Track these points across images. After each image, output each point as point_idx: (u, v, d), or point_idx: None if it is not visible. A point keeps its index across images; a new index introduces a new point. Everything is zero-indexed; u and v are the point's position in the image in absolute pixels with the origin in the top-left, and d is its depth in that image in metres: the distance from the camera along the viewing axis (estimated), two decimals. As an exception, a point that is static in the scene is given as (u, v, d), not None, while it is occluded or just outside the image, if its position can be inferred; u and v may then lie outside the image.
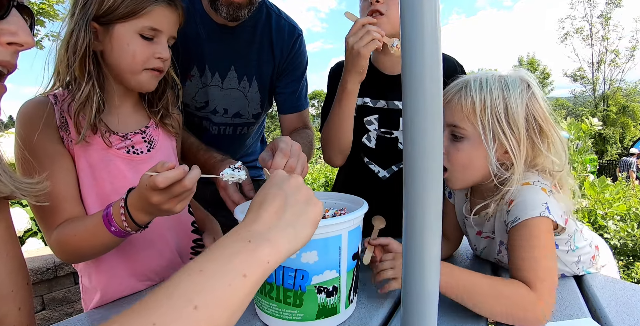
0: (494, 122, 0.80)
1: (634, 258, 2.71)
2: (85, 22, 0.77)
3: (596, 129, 3.16)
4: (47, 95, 0.82)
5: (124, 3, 0.77)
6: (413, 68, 0.38)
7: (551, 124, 0.82)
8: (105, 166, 0.84)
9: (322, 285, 0.68)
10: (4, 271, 0.60)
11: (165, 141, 0.97)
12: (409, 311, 0.44)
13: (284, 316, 0.69)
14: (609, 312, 0.76)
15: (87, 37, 0.77)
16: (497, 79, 0.83)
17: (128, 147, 0.88)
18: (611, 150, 21.91)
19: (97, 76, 0.81)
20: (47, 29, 8.16)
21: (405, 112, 0.40)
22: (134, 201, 0.68)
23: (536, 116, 0.81)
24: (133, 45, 0.80)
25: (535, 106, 0.81)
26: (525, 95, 0.81)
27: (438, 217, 0.41)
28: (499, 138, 0.80)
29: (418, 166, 0.40)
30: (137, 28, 0.80)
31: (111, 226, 0.71)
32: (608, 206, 2.89)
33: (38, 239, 2.28)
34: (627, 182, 3.97)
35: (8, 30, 0.51)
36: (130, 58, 0.81)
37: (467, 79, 0.85)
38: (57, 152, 0.79)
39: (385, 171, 1.23)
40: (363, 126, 1.20)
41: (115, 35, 0.80)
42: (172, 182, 0.63)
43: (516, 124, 0.79)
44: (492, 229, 0.92)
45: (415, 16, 0.37)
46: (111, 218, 0.71)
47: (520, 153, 0.80)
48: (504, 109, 0.80)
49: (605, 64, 23.20)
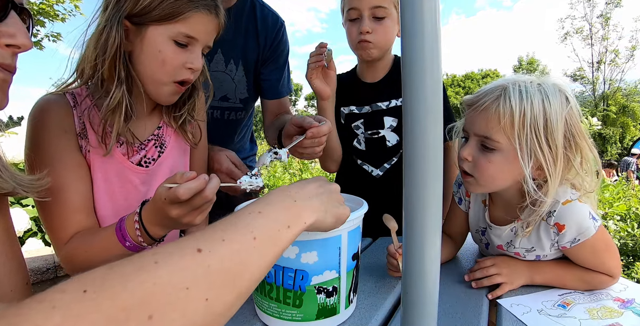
0: (532, 137, 0.74)
1: (634, 258, 2.71)
2: (118, 19, 0.69)
3: (596, 129, 3.16)
4: (65, 93, 0.75)
5: (162, 5, 0.70)
6: (413, 68, 0.38)
7: (587, 141, 0.78)
8: (119, 179, 0.79)
9: (321, 285, 0.67)
10: (3, 271, 0.60)
11: (177, 145, 0.89)
12: (409, 311, 0.44)
13: (283, 317, 0.69)
14: None
15: (119, 35, 0.69)
16: (537, 88, 0.76)
17: (142, 157, 0.82)
18: (611, 150, 21.91)
19: (126, 79, 0.73)
20: (47, 29, 8.17)
21: (405, 112, 0.40)
22: (150, 215, 0.64)
23: (574, 131, 0.76)
24: (165, 52, 0.72)
25: (574, 120, 0.77)
26: (565, 108, 0.76)
27: (438, 217, 0.41)
28: (535, 155, 0.75)
29: (418, 166, 0.40)
30: (171, 33, 0.72)
31: (126, 242, 0.67)
32: (608, 206, 2.89)
33: (38, 239, 2.28)
34: (627, 182, 3.96)
35: (6, 33, 0.51)
36: (159, 64, 0.73)
37: (504, 85, 0.78)
38: (73, 161, 0.73)
39: (378, 169, 1.30)
40: (352, 131, 1.31)
41: (147, 38, 0.72)
42: (194, 193, 0.59)
43: (554, 141, 0.74)
44: (531, 246, 0.87)
45: (415, 16, 0.37)
46: (125, 232, 0.66)
47: (557, 171, 0.75)
48: (543, 124, 0.74)
49: (605, 64, 23.21)
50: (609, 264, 0.81)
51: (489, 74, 31.93)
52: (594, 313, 0.74)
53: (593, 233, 0.77)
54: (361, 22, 1.13)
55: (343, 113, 1.32)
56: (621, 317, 0.73)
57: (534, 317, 0.73)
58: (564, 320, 0.72)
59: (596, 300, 0.80)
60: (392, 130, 1.27)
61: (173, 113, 0.85)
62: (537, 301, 0.80)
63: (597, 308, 0.76)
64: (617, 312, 0.75)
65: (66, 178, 0.72)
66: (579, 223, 0.78)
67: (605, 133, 21.63)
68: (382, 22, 1.13)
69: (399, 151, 1.28)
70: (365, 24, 1.12)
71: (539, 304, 0.79)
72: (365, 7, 1.12)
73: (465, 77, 32.71)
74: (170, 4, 0.70)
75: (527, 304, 0.79)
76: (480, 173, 0.81)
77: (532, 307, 0.77)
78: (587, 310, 0.75)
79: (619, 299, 0.80)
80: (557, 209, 0.78)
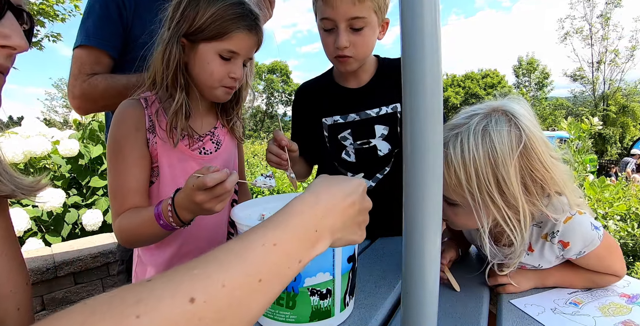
0: (485, 197, 0.70)
1: (634, 257, 2.71)
2: (177, 38, 0.85)
3: (596, 128, 3.16)
4: (139, 99, 0.91)
5: (211, 27, 0.84)
6: (413, 68, 0.38)
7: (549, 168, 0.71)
8: (181, 165, 0.94)
9: (315, 287, 0.67)
10: (2, 272, 0.60)
11: (230, 142, 1.06)
12: (409, 311, 0.44)
13: (277, 318, 0.69)
14: None
15: (178, 51, 0.86)
16: (481, 133, 0.70)
17: (200, 148, 0.98)
18: (611, 150, 21.93)
19: (185, 86, 0.90)
20: (47, 29, 8.18)
21: (405, 112, 0.40)
22: (180, 200, 0.76)
23: (534, 174, 0.71)
24: (212, 64, 0.87)
25: (532, 162, 0.70)
26: (517, 146, 0.69)
27: (438, 217, 0.41)
28: (491, 212, 0.72)
29: (418, 166, 0.40)
30: (218, 49, 0.86)
31: (160, 220, 0.80)
32: (608, 206, 2.89)
33: (38, 239, 2.28)
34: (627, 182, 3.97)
35: (2, 33, 0.51)
36: (208, 74, 0.88)
37: (446, 137, 0.73)
38: (139, 153, 0.89)
39: (371, 180, 1.20)
40: (339, 143, 1.18)
41: (199, 53, 0.87)
42: (218, 183, 0.70)
43: (512, 195, 0.70)
44: (538, 264, 0.86)
45: (416, 16, 0.37)
46: (160, 213, 0.80)
47: (522, 221, 0.72)
48: (495, 183, 0.69)
49: (605, 64, 23.21)
50: (615, 267, 0.83)
51: (489, 74, 31.89)
52: (605, 310, 0.75)
53: (598, 244, 0.78)
54: (337, 36, 1.00)
55: (325, 124, 1.18)
56: (631, 313, 0.74)
57: (549, 317, 0.74)
58: (579, 318, 0.73)
59: (603, 295, 0.81)
60: (384, 138, 1.15)
61: (226, 117, 1.04)
62: (548, 300, 0.80)
63: (607, 305, 0.77)
64: (626, 308, 0.76)
65: (129, 165, 0.88)
66: (584, 238, 0.77)
67: (605, 133, 21.62)
68: (360, 32, 1.00)
69: (391, 160, 1.18)
70: (342, 39, 0.99)
71: (552, 303, 0.79)
72: (341, 19, 0.98)
73: (465, 77, 32.65)
74: (217, 26, 0.84)
75: (540, 304, 0.79)
76: (451, 222, 0.84)
77: (545, 306, 0.78)
78: (598, 308, 0.76)
79: (625, 295, 0.81)
80: (560, 229, 0.77)
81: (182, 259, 0.97)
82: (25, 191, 0.59)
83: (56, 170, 2.53)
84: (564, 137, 9.64)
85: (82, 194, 2.62)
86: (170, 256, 0.97)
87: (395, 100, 1.14)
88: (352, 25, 0.99)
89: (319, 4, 1.02)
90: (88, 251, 2.06)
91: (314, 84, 1.25)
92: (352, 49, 1.02)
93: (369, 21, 0.99)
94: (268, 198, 0.91)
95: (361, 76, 1.15)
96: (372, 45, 1.05)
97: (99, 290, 2.10)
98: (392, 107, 1.14)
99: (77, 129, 2.86)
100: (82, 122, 2.87)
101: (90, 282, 2.08)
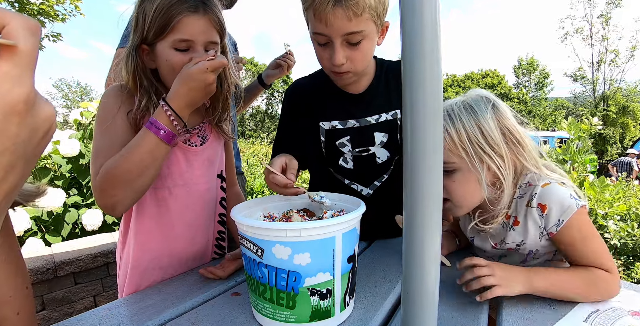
0: (476, 148, 0.84)
1: (634, 258, 2.71)
2: (133, 47, 0.88)
3: (596, 128, 3.16)
4: None
5: (157, 22, 0.83)
6: (413, 68, 0.38)
7: (520, 132, 0.87)
8: None
9: (315, 287, 0.67)
10: (1, 276, 0.60)
11: (215, 139, 1.07)
12: (409, 311, 0.44)
13: (277, 318, 0.69)
14: None
15: (134, 60, 0.88)
16: (462, 105, 0.87)
17: (186, 139, 0.99)
18: (611, 150, 21.92)
19: (155, 90, 0.91)
20: (47, 29, 8.18)
21: (405, 112, 0.40)
22: (177, 96, 0.80)
23: (509, 127, 0.86)
24: (171, 60, 0.86)
25: (504, 119, 0.86)
26: (493, 112, 0.86)
27: (438, 217, 0.41)
28: (485, 161, 0.84)
29: (418, 166, 0.40)
30: (170, 42, 0.85)
31: (160, 130, 0.81)
32: (608, 206, 2.89)
33: (38, 239, 2.28)
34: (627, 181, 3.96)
35: None
36: (171, 71, 0.87)
37: None
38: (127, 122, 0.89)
39: (368, 188, 1.16)
40: (337, 149, 1.13)
41: (158, 54, 0.87)
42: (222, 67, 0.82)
43: (496, 142, 0.84)
44: (521, 239, 0.89)
45: (415, 16, 0.37)
46: (158, 123, 0.81)
47: (507, 167, 0.85)
48: (480, 133, 0.84)
49: (605, 64, 23.22)
50: (603, 250, 0.81)
51: (489, 74, 31.85)
52: None
53: (575, 210, 0.80)
54: (333, 53, 0.92)
55: (323, 129, 1.12)
56: None
57: None
58: None
59: (617, 317, 0.75)
60: (383, 146, 1.11)
61: (211, 115, 1.04)
62: None
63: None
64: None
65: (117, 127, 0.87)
66: (560, 202, 0.82)
67: (605, 133, 21.62)
68: (358, 47, 0.93)
69: (390, 168, 1.14)
70: (338, 56, 0.92)
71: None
72: (336, 35, 0.90)
73: (465, 77, 32.65)
74: (161, 18, 0.83)
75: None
76: (451, 194, 0.88)
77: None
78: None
79: (636, 313, 0.76)
80: (538, 192, 0.85)
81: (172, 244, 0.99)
82: (26, 197, 0.59)
83: (56, 170, 2.53)
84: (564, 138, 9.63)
85: (82, 194, 2.62)
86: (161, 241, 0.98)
87: (395, 106, 1.10)
88: (349, 40, 0.91)
89: (309, 15, 0.92)
90: (88, 251, 2.06)
91: (308, 82, 1.19)
92: (349, 65, 0.95)
93: (366, 34, 0.91)
94: (268, 198, 0.91)
95: (360, 80, 1.09)
96: (370, 55, 1.00)
97: (99, 289, 2.10)
98: (392, 114, 1.11)
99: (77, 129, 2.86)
100: (83, 122, 2.87)
101: (90, 282, 2.08)
